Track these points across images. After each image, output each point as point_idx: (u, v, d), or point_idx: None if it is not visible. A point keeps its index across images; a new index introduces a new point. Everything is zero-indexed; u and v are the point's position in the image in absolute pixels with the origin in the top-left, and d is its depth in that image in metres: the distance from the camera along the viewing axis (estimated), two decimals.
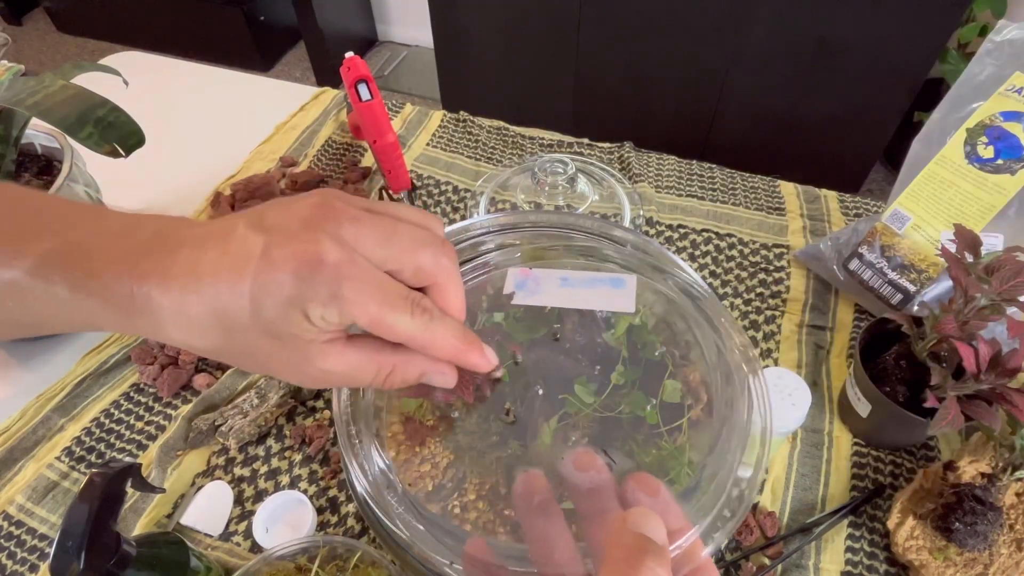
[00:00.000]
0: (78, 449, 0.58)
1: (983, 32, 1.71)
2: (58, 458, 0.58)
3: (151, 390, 0.62)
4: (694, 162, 0.88)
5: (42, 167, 0.66)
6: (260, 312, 0.24)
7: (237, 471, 0.57)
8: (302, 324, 0.24)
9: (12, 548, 0.52)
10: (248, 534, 0.53)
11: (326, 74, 2.51)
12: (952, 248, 0.52)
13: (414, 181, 0.85)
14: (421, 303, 0.27)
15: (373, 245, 0.26)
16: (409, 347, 0.27)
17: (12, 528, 0.53)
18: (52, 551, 0.34)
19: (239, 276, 0.24)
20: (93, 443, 0.59)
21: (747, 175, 0.86)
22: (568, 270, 0.40)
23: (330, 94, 0.99)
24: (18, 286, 0.25)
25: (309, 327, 0.25)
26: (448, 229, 0.50)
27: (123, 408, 0.61)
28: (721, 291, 0.71)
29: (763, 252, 0.75)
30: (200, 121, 0.95)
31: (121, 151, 0.60)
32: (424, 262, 0.27)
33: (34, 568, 0.51)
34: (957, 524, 0.47)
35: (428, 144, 0.90)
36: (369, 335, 0.27)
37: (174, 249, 0.25)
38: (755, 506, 0.55)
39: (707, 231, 0.78)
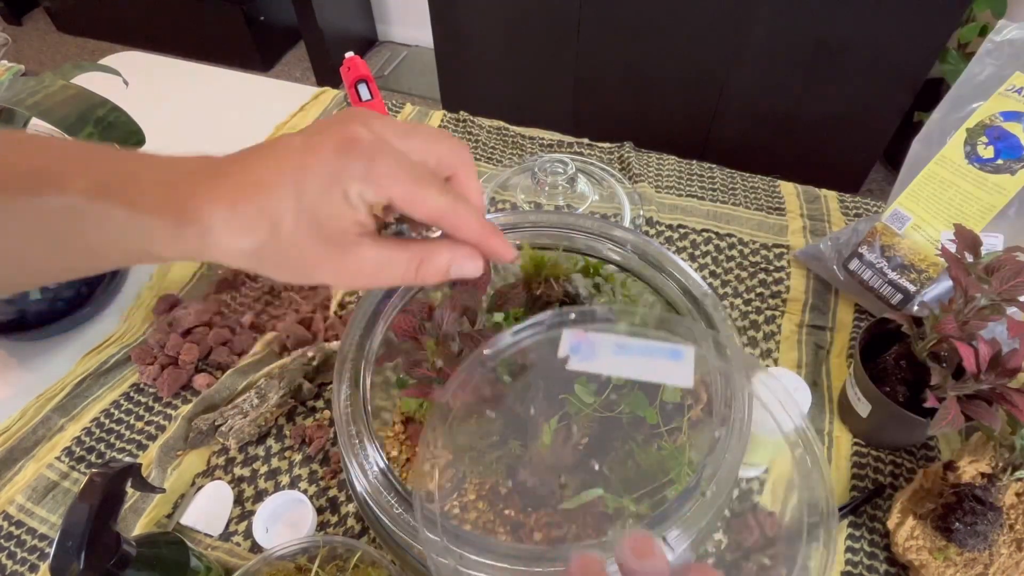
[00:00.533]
0: (78, 449, 0.58)
1: (983, 32, 1.71)
2: (58, 458, 0.58)
3: (151, 390, 0.62)
4: (694, 162, 0.88)
5: None
6: (303, 196, 0.26)
7: (237, 471, 0.57)
8: (341, 205, 0.27)
9: (12, 548, 0.52)
10: (248, 534, 0.53)
11: (326, 74, 2.51)
12: (952, 248, 0.52)
13: None
14: (447, 184, 0.30)
15: (398, 137, 0.28)
16: (439, 225, 0.30)
17: (12, 528, 0.53)
18: (52, 551, 0.34)
19: (283, 164, 0.26)
20: (93, 443, 0.59)
21: (747, 175, 0.86)
22: (624, 336, 0.40)
23: (330, 94, 0.99)
24: (76, 210, 0.26)
25: (347, 209, 0.27)
26: None
27: (123, 408, 0.61)
28: (721, 291, 0.71)
29: (763, 252, 0.75)
30: (200, 121, 0.95)
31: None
32: (444, 153, 0.30)
33: (34, 568, 0.51)
34: (957, 524, 0.47)
35: None
36: (394, 238, 0.30)
37: (222, 163, 0.27)
38: (755, 506, 0.55)
39: (707, 231, 0.78)
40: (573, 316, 0.39)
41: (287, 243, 0.27)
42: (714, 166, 0.88)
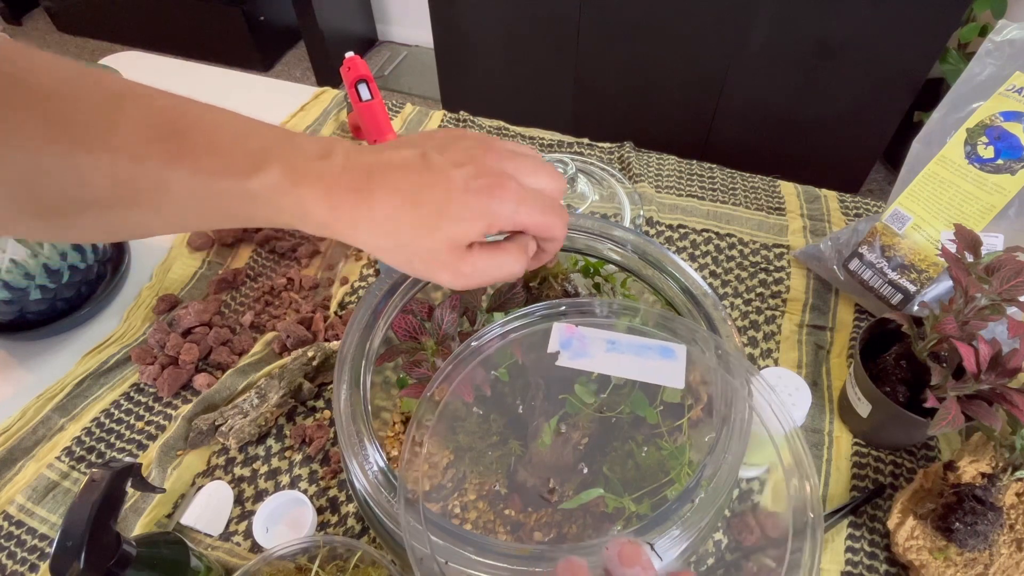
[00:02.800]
0: (78, 449, 0.58)
1: (983, 32, 1.71)
2: (58, 458, 0.58)
3: (151, 390, 0.62)
4: (694, 162, 0.88)
5: None
6: (448, 223, 0.32)
7: (237, 471, 0.57)
8: (477, 235, 0.33)
9: (12, 548, 0.52)
10: (248, 534, 0.53)
11: (326, 74, 2.51)
12: (952, 248, 0.52)
13: None
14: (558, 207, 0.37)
15: (528, 175, 0.35)
16: (550, 240, 0.37)
17: (12, 528, 0.53)
18: (52, 551, 0.34)
19: (438, 190, 0.32)
20: (93, 443, 0.59)
21: (747, 175, 0.86)
22: (616, 332, 0.39)
23: (330, 94, 0.99)
24: (255, 196, 0.31)
25: (479, 236, 0.33)
26: None
27: (123, 408, 0.61)
28: (721, 291, 0.71)
29: (763, 252, 0.75)
30: None
31: None
32: (555, 187, 0.37)
33: (34, 568, 0.51)
34: (957, 524, 0.47)
35: None
36: (493, 243, 0.36)
37: (368, 181, 0.32)
38: (755, 506, 0.55)
39: (707, 231, 0.78)
40: (563, 308, 0.39)
41: (423, 252, 0.33)
42: (714, 166, 0.88)
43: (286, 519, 0.54)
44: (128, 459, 0.51)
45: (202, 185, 0.30)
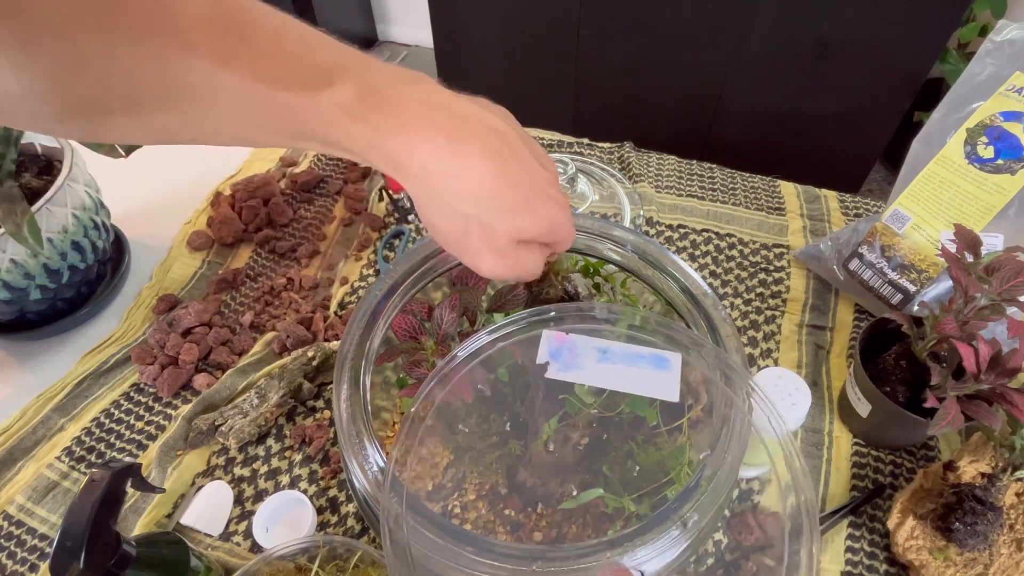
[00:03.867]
0: (78, 449, 0.58)
1: (983, 32, 1.71)
2: (58, 458, 0.58)
3: (151, 390, 0.62)
4: (694, 162, 0.88)
5: (42, 167, 0.66)
6: (528, 219, 0.33)
7: (237, 471, 0.57)
8: (539, 237, 0.34)
9: (12, 548, 0.52)
10: (248, 534, 0.53)
11: None
12: (952, 248, 0.52)
13: None
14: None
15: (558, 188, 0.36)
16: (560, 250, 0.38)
17: (12, 528, 0.53)
18: (52, 551, 0.34)
19: (534, 192, 0.33)
20: (93, 443, 0.59)
21: (747, 175, 0.86)
22: (608, 340, 0.38)
23: None
24: (321, 113, 0.29)
25: (538, 238, 0.34)
26: None
27: (123, 408, 0.61)
28: (721, 291, 0.71)
29: (763, 252, 0.75)
30: None
31: (121, 151, 0.60)
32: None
33: (34, 568, 0.51)
34: (957, 524, 0.47)
35: None
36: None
37: (462, 126, 0.31)
38: (755, 506, 0.55)
39: (707, 231, 0.78)
40: (553, 314, 0.38)
41: (489, 230, 0.32)
42: (714, 166, 0.88)
43: (286, 519, 0.54)
44: (128, 459, 0.51)
45: (259, 94, 0.27)
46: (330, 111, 0.28)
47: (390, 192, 0.82)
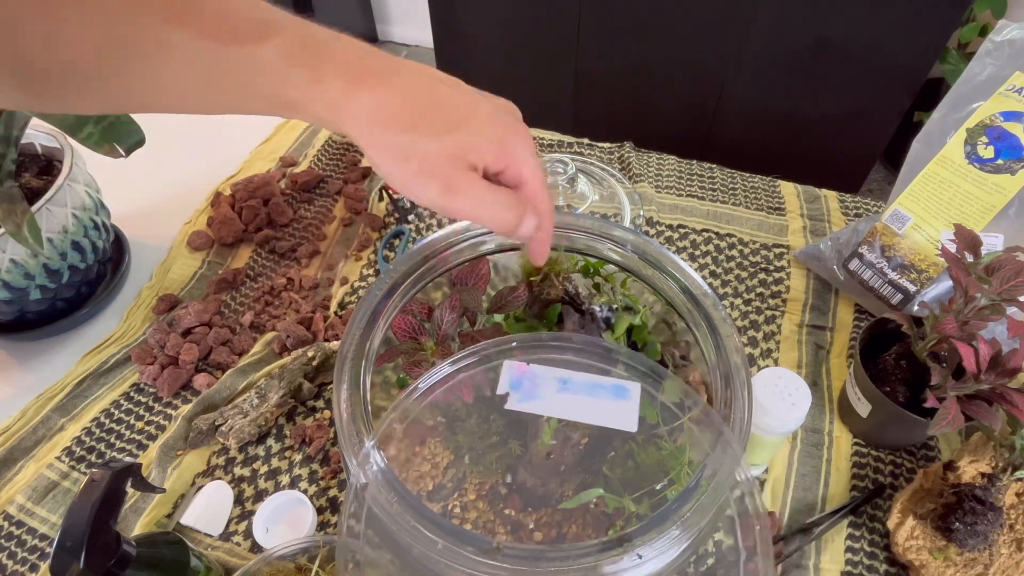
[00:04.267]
0: (78, 449, 0.58)
1: (983, 32, 1.71)
2: (58, 458, 0.58)
3: (151, 390, 0.62)
4: (694, 162, 0.88)
5: (42, 167, 0.66)
6: (466, 136, 0.32)
7: (237, 471, 0.57)
8: (488, 158, 0.33)
9: (12, 548, 0.52)
10: (248, 534, 0.53)
11: None
12: (952, 248, 0.52)
13: None
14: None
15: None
16: (535, 200, 0.36)
17: (12, 528, 0.53)
18: (52, 551, 0.34)
19: (472, 113, 0.32)
20: (93, 443, 0.59)
21: (747, 175, 0.86)
22: (569, 370, 0.38)
23: None
24: (264, 65, 0.29)
25: (488, 159, 0.33)
26: (448, 229, 0.50)
27: (123, 408, 0.61)
28: (721, 291, 0.71)
29: (763, 252, 0.75)
30: (200, 121, 0.95)
31: (121, 151, 0.60)
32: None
33: (34, 568, 0.51)
34: (957, 524, 0.47)
35: None
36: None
37: (394, 64, 0.32)
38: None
39: (707, 231, 0.78)
40: (515, 344, 0.38)
41: (424, 153, 0.31)
42: (714, 166, 0.88)
43: (286, 519, 0.54)
44: (128, 459, 0.51)
45: (206, 50, 0.28)
46: (274, 60, 0.29)
47: (390, 192, 0.82)
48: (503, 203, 0.33)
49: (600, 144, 0.90)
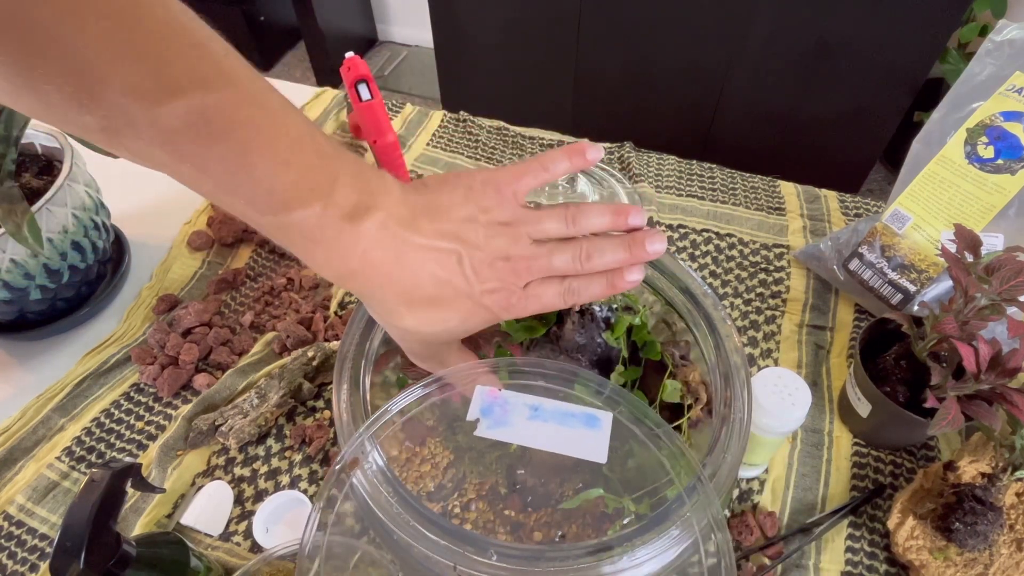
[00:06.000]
0: (78, 449, 0.58)
1: (983, 32, 1.71)
2: (58, 458, 0.58)
3: (151, 390, 0.62)
4: (694, 162, 0.88)
5: (42, 167, 0.66)
6: (450, 330, 0.36)
7: (237, 471, 0.57)
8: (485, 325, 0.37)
9: (12, 548, 0.52)
10: (248, 534, 0.53)
11: (326, 74, 2.51)
12: (952, 248, 0.52)
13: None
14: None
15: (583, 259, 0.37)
16: None
17: (12, 528, 0.53)
18: (52, 551, 0.34)
19: (472, 312, 0.36)
20: (93, 443, 0.59)
21: (747, 175, 0.86)
22: (540, 397, 0.38)
23: (330, 94, 0.99)
24: (283, 230, 0.31)
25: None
26: None
27: (123, 408, 0.61)
28: (721, 291, 0.71)
29: (763, 252, 0.75)
30: None
31: None
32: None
33: (34, 568, 0.51)
34: (957, 524, 0.47)
35: (428, 144, 0.90)
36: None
37: (411, 252, 0.33)
38: (755, 506, 0.55)
39: (707, 231, 0.78)
40: (490, 368, 0.38)
41: (428, 343, 0.38)
42: (714, 166, 0.88)
43: (286, 519, 0.54)
44: (128, 459, 0.51)
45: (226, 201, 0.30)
46: (292, 230, 0.31)
47: None
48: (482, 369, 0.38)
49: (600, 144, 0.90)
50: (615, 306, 0.50)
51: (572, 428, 0.37)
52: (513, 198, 0.36)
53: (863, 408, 0.56)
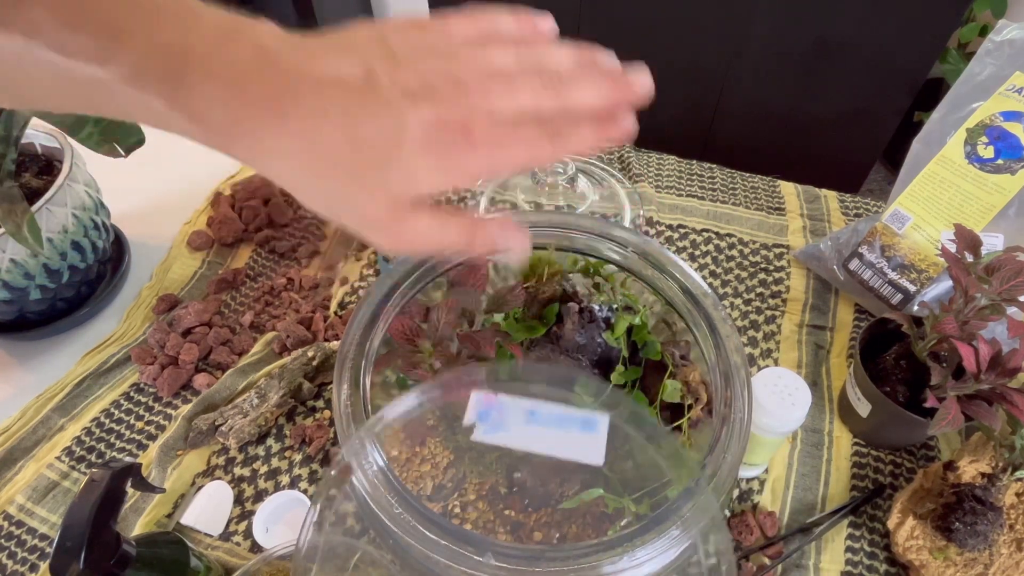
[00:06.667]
0: (78, 449, 0.58)
1: (983, 32, 1.71)
2: (58, 458, 0.58)
3: (151, 390, 0.62)
4: (694, 162, 0.88)
5: (42, 167, 0.66)
6: (399, 184, 0.25)
7: (237, 471, 0.57)
8: (431, 195, 0.26)
9: (12, 548, 0.52)
10: (248, 534, 0.53)
11: None
12: (952, 248, 0.52)
13: None
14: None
15: (512, 96, 0.26)
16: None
17: (12, 528, 0.53)
18: (52, 551, 0.34)
19: (398, 144, 0.24)
20: (93, 443, 0.59)
21: (747, 175, 0.86)
22: (537, 400, 0.37)
23: None
24: (110, 90, 0.24)
25: (432, 196, 0.26)
26: None
27: (123, 408, 0.61)
28: (721, 291, 0.71)
29: (763, 252, 0.75)
30: None
31: (121, 151, 0.60)
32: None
33: (34, 568, 0.51)
34: (957, 524, 0.47)
35: None
36: (447, 205, 0.27)
37: (289, 89, 0.24)
38: (755, 506, 0.55)
39: (707, 231, 0.78)
40: (483, 374, 0.37)
41: (355, 206, 0.26)
42: (714, 166, 0.88)
43: (286, 519, 0.54)
44: (128, 459, 0.51)
45: (52, 62, 0.23)
46: (116, 84, 0.23)
47: None
48: (457, 231, 0.28)
49: None
50: (615, 306, 0.50)
51: (569, 431, 0.36)
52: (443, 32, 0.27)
53: (863, 408, 0.56)
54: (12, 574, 0.51)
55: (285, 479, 0.56)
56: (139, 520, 0.52)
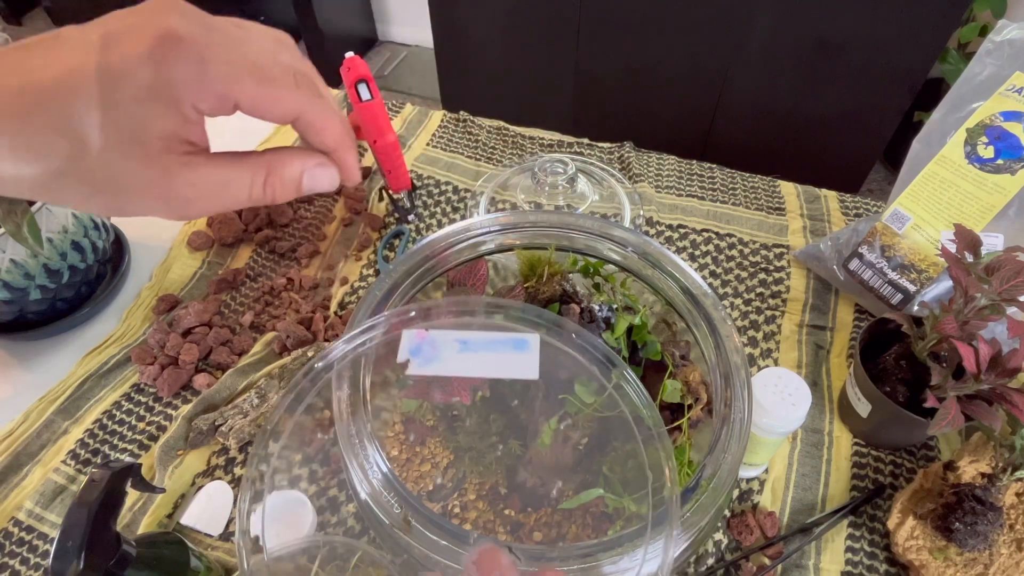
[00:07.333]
0: (83, 452, 0.58)
1: (983, 32, 1.71)
2: (64, 462, 0.58)
3: (151, 390, 0.62)
4: (694, 162, 0.88)
5: None
6: (114, 108, 0.21)
7: (237, 471, 0.57)
8: (168, 120, 0.22)
9: (25, 554, 0.52)
10: None
11: (326, 74, 2.48)
12: (952, 248, 0.52)
13: (414, 181, 0.85)
14: (302, 71, 0.25)
15: (229, 25, 0.23)
16: (298, 127, 0.25)
17: (23, 534, 0.53)
18: (52, 551, 0.34)
19: (83, 73, 0.21)
20: (97, 445, 0.59)
21: (747, 175, 0.86)
22: (468, 331, 0.37)
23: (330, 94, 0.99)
24: None
25: (177, 124, 0.22)
26: (448, 229, 0.50)
27: (124, 409, 0.61)
28: (721, 291, 0.71)
29: (763, 252, 0.75)
30: None
31: None
32: (285, 56, 0.25)
33: (47, 573, 0.51)
34: (957, 524, 0.47)
35: (428, 144, 0.90)
36: (228, 153, 0.24)
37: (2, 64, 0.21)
38: (755, 506, 0.55)
39: (707, 231, 0.78)
40: (413, 314, 0.37)
41: (93, 169, 0.22)
42: (714, 166, 0.88)
43: (286, 519, 0.54)
44: (128, 459, 0.51)
45: None
46: None
47: (390, 192, 0.82)
48: (241, 178, 0.24)
49: (600, 144, 0.90)
50: (615, 306, 0.50)
51: (502, 353, 0.36)
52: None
53: (863, 408, 0.56)
54: None
55: (285, 479, 0.56)
56: (144, 520, 0.52)
